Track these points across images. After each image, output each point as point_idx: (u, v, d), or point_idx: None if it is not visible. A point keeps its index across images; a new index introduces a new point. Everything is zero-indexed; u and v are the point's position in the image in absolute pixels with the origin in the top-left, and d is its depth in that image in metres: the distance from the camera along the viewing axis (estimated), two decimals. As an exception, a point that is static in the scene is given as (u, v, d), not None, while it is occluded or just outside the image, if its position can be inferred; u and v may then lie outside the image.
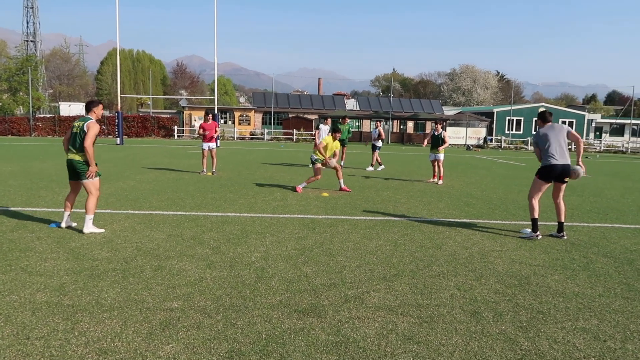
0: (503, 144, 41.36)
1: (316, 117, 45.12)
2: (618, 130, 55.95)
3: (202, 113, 43.80)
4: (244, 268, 5.03)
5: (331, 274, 4.93)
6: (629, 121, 55.68)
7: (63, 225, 6.55)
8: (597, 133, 55.69)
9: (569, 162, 6.82)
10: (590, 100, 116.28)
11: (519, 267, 5.36)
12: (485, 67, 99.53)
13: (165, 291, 4.31)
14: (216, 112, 28.55)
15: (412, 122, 47.07)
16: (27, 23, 70.65)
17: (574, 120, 47.88)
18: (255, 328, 3.60)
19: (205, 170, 13.79)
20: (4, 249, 5.47)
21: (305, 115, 45.35)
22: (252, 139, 40.23)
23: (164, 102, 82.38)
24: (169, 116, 42.50)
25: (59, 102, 55.12)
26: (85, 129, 6.24)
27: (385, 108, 48.46)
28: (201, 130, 13.71)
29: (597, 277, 5.08)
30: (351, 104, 52.65)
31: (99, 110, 6.50)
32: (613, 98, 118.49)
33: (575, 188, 12.72)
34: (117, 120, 27.96)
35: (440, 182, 13.15)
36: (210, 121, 13.78)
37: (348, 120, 17.56)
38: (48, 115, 43.17)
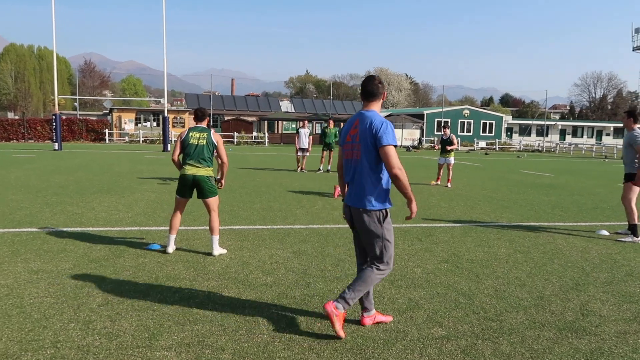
0: (436, 145, 43.39)
1: (254, 119, 44.40)
2: (525, 130, 60.98)
3: (133, 115, 41.38)
4: (430, 287, 4.85)
5: (523, 287, 4.89)
6: (533, 122, 60.96)
7: (170, 250, 5.77)
8: (508, 133, 60.24)
9: None
10: (489, 102, 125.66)
11: (664, 270, 5.70)
12: (396, 70, 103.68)
13: (417, 317, 4.06)
14: (166, 115, 27.10)
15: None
16: None
17: (494, 122, 51.38)
18: (554, 350, 3.51)
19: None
20: (153, 280, 4.84)
21: (243, 118, 44.47)
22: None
23: (72, 103, 76.71)
24: (96, 118, 39.64)
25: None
26: (214, 141, 5.71)
27: (320, 110, 48.86)
28: None
29: None
30: (285, 106, 52.45)
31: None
32: (507, 100, 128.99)
33: (573, 189, 13.68)
34: (54, 124, 25.58)
35: (449, 185, 13.50)
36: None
37: (333, 124, 17.53)
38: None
